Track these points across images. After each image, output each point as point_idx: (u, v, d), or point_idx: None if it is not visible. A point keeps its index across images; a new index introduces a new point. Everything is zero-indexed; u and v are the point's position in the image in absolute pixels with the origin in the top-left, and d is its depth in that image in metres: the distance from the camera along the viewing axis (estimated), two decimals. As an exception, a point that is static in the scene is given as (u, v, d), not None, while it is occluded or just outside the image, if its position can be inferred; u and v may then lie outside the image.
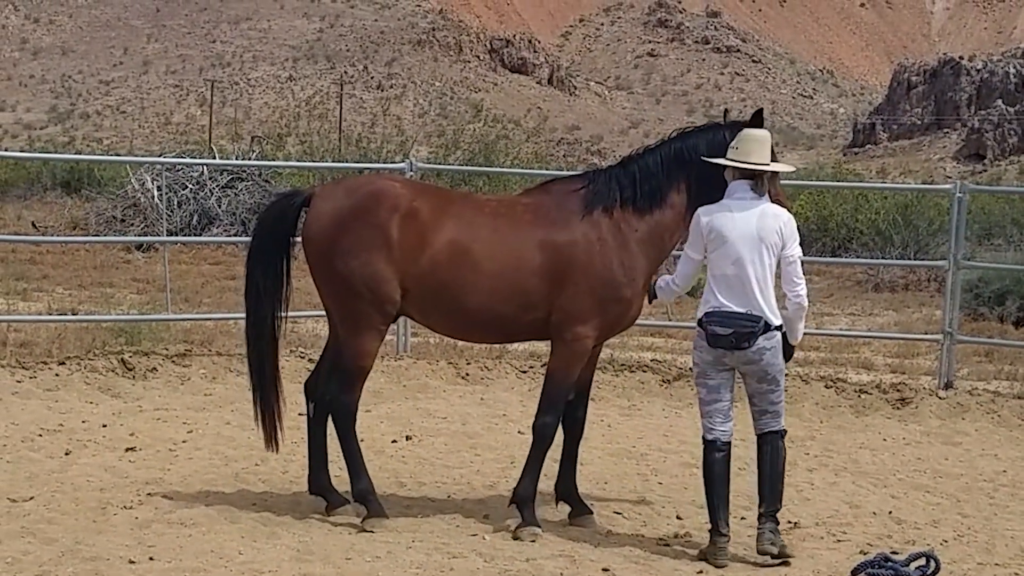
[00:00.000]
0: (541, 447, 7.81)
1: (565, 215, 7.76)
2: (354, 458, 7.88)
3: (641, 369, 12.92)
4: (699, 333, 7.42)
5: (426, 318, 8.00)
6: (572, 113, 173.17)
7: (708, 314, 7.35)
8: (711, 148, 7.75)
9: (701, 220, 7.41)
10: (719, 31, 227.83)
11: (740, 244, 7.28)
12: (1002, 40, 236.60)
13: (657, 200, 7.83)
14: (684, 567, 7.17)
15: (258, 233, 8.18)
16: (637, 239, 7.77)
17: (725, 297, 7.31)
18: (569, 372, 7.79)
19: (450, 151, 35.44)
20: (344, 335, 7.85)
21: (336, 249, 7.66)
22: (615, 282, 7.70)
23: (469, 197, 8.43)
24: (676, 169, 7.84)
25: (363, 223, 7.63)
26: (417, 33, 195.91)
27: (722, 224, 7.33)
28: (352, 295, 7.67)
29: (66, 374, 11.53)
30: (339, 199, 7.81)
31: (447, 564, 6.96)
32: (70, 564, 6.64)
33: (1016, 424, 11.74)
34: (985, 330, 17.95)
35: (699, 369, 7.49)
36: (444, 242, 7.64)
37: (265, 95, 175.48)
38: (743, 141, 7.45)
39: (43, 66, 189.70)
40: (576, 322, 7.68)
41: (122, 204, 27.37)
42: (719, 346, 7.30)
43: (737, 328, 7.26)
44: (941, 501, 9.10)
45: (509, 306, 7.69)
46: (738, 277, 7.29)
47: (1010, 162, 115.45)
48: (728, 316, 7.27)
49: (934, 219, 24.96)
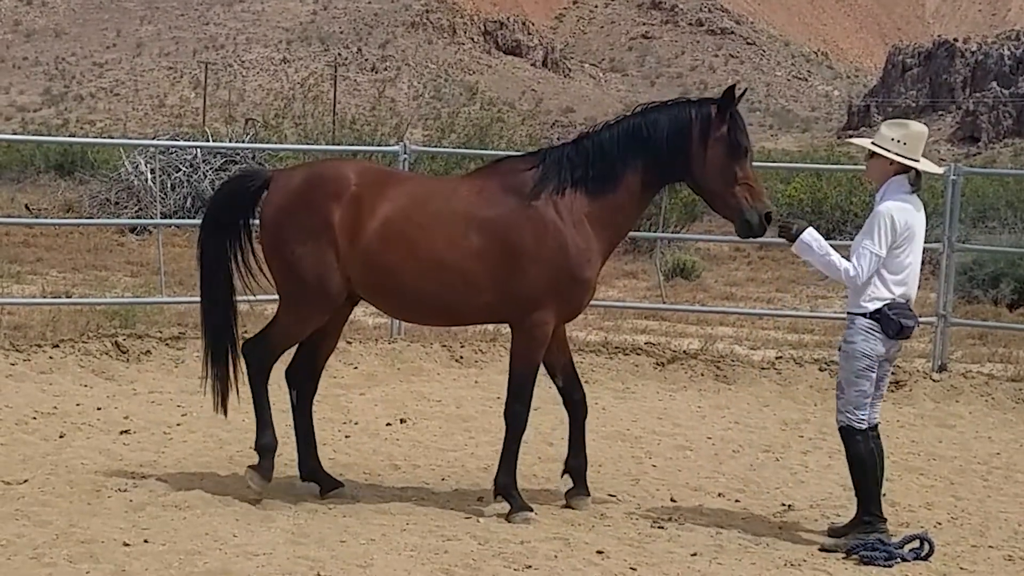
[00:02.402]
0: (514, 435, 7.77)
1: (512, 196, 7.58)
2: (263, 410, 7.91)
3: (635, 352, 12.92)
4: (870, 326, 7.28)
5: (373, 300, 7.96)
6: (567, 95, 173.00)
7: (891, 307, 7.27)
8: (673, 125, 7.57)
9: (897, 218, 7.23)
10: (713, 13, 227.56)
11: (920, 239, 7.34)
12: (996, 22, 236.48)
13: (611, 180, 7.61)
14: (678, 549, 7.18)
15: (212, 209, 8.11)
16: (591, 219, 7.56)
17: (902, 290, 7.33)
18: (531, 358, 7.70)
19: (445, 134, 35.34)
20: (284, 312, 7.84)
21: (284, 235, 7.62)
22: (571, 265, 7.51)
23: (414, 179, 8.33)
24: (632, 147, 7.61)
25: (306, 209, 7.57)
26: (411, 15, 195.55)
27: (914, 221, 7.30)
28: (298, 281, 7.63)
29: (60, 357, 11.52)
30: (291, 184, 7.74)
31: (441, 547, 6.97)
32: (64, 547, 6.64)
33: (1010, 407, 11.76)
34: (979, 313, 17.98)
35: (868, 362, 7.33)
36: (378, 225, 7.53)
37: (259, 77, 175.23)
38: (911, 138, 7.33)
39: (36, 48, 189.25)
40: (533, 308, 7.55)
41: (116, 187, 27.33)
42: (904, 336, 7.36)
43: (915, 318, 7.41)
44: (935, 484, 9.11)
45: (452, 289, 7.57)
46: (914, 271, 7.38)
47: (1004, 144, 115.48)
48: (909, 308, 7.35)
49: (928, 202, 24.87)
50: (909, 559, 7.15)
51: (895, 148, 7.31)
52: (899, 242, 7.25)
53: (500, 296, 7.58)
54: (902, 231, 7.23)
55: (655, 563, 6.91)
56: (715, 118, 7.55)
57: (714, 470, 9.15)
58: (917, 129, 7.42)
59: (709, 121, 7.55)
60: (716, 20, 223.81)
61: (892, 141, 7.32)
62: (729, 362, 12.64)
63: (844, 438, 7.48)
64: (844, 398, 7.41)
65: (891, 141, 7.33)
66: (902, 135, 7.33)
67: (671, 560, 6.98)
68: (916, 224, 7.32)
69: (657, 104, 7.83)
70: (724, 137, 7.52)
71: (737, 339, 15.28)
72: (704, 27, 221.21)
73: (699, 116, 7.58)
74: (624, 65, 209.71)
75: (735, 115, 7.58)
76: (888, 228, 7.21)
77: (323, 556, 6.70)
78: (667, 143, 7.58)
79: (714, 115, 7.56)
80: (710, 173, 7.57)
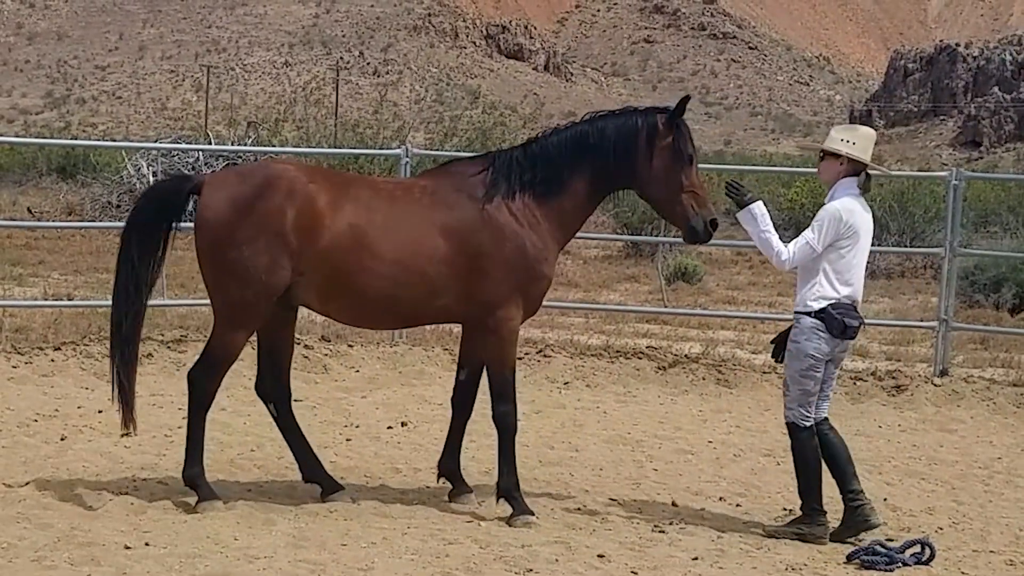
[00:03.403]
0: (508, 436, 7.78)
1: (465, 199, 7.64)
2: (195, 444, 7.74)
3: (637, 356, 12.91)
4: (815, 325, 7.49)
5: (325, 305, 7.78)
6: (568, 99, 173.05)
7: (835, 306, 7.48)
8: (620, 133, 7.69)
9: (843, 217, 7.46)
10: (715, 17, 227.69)
11: (866, 240, 7.59)
12: (998, 27, 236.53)
13: (557, 184, 7.72)
14: (679, 554, 7.18)
15: (137, 212, 7.92)
16: (543, 221, 7.68)
17: (847, 290, 7.53)
18: (505, 358, 7.74)
19: (447, 137, 35.37)
20: (220, 325, 7.69)
21: (232, 236, 7.45)
22: (530, 262, 7.63)
23: (365, 180, 8.34)
24: (578, 153, 7.73)
25: (259, 209, 7.44)
26: (413, 19, 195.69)
27: (859, 222, 7.53)
28: (241, 284, 7.47)
29: (62, 360, 11.52)
30: (233, 186, 7.62)
31: (443, 550, 6.97)
32: (66, 550, 6.64)
33: (1011, 411, 11.75)
34: (981, 317, 17.98)
35: (812, 361, 7.53)
36: (344, 225, 7.47)
37: (261, 81, 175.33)
38: (861, 139, 7.64)
39: (39, 51, 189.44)
40: (497, 308, 7.61)
41: (118, 190, 27.37)
42: (849, 337, 7.55)
43: (860, 319, 7.61)
44: (936, 488, 9.11)
45: (411, 291, 7.58)
46: (859, 272, 7.60)
47: (1006, 149, 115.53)
48: (854, 308, 7.55)
49: (930, 206, 24.98)
50: (910, 564, 7.15)
51: (846, 149, 7.59)
52: (842, 241, 7.48)
53: (458, 298, 7.64)
54: (845, 231, 7.48)
55: (656, 567, 6.91)
56: (661, 127, 7.70)
57: (715, 474, 9.14)
58: (866, 132, 7.78)
59: (655, 130, 7.70)
60: (718, 24, 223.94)
61: (843, 143, 7.61)
62: (730, 366, 12.64)
63: (789, 434, 7.72)
64: (789, 396, 7.66)
65: (842, 143, 7.61)
66: (852, 137, 7.66)
67: (672, 564, 6.98)
68: (861, 225, 7.57)
69: (605, 112, 7.96)
70: (670, 146, 7.68)
71: (739, 343, 15.28)
72: (706, 31, 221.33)
73: (645, 125, 7.70)
74: (626, 69, 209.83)
75: (681, 124, 7.73)
76: (831, 225, 7.48)
77: (324, 559, 6.70)
78: (614, 151, 7.70)
79: (660, 124, 7.69)
80: (656, 181, 7.73)
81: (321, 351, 12.37)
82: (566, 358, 12.74)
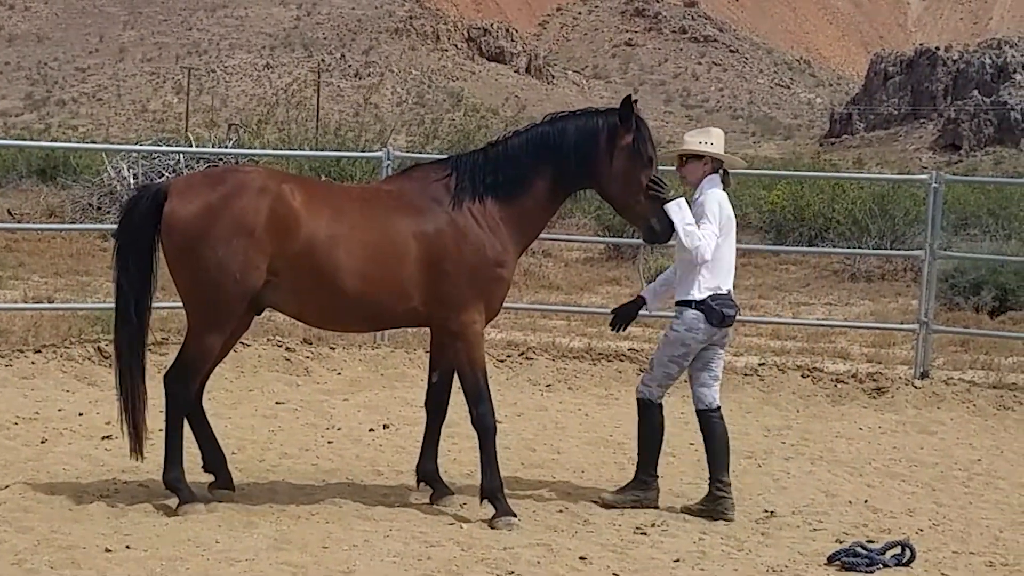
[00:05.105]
0: (488, 438, 7.79)
1: (429, 203, 7.68)
2: (175, 447, 7.74)
3: (618, 358, 12.93)
4: (695, 316, 7.90)
5: (296, 306, 7.76)
6: (550, 102, 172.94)
7: (714, 297, 7.89)
8: (580, 134, 7.74)
9: (723, 205, 7.87)
10: (696, 21, 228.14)
11: (734, 231, 7.98)
12: (978, 31, 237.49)
13: (519, 186, 7.76)
14: (661, 555, 7.19)
15: (125, 229, 8.01)
16: (504, 223, 7.72)
17: (724, 280, 7.94)
18: (474, 360, 7.76)
19: (428, 140, 35.38)
20: (195, 329, 7.70)
21: (204, 238, 7.44)
22: (490, 266, 7.67)
23: (332, 184, 8.38)
24: (540, 154, 7.77)
25: (232, 210, 7.43)
26: (394, 21, 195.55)
27: (731, 213, 7.95)
28: (214, 286, 7.48)
29: (42, 362, 11.48)
30: (201, 189, 7.61)
31: (425, 553, 6.97)
32: (46, 553, 6.62)
33: (991, 413, 11.79)
34: (961, 320, 18.05)
35: (684, 350, 7.99)
36: (317, 226, 7.47)
37: (242, 83, 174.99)
38: (716, 138, 8.06)
39: (18, 53, 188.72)
40: (460, 311, 7.65)
41: (98, 192, 27.23)
42: (727, 325, 7.98)
43: (736, 307, 8.11)
44: (916, 490, 9.14)
45: (382, 294, 7.60)
46: (731, 263, 8.01)
47: (986, 152, 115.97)
48: (730, 297, 7.98)
49: (910, 209, 25.03)
50: (891, 565, 7.17)
51: (707, 149, 7.98)
52: (721, 231, 7.84)
53: (425, 301, 7.66)
54: (726, 222, 7.90)
55: (638, 569, 6.92)
56: (620, 128, 7.73)
57: (696, 476, 9.14)
58: (718, 132, 8.19)
59: (615, 130, 7.74)
60: (699, 28, 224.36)
61: (703, 144, 8.01)
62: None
63: (640, 409, 8.25)
64: (652, 375, 8.16)
65: (701, 144, 8.01)
66: (708, 139, 8.06)
67: (654, 566, 6.99)
68: (731, 218, 8.00)
69: (565, 113, 7.99)
70: (629, 146, 7.72)
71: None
72: (687, 35, 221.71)
73: (605, 125, 7.74)
74: (607, 72, 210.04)
75: (641, 125, 7.77)
76: (719, 212, 7.85)
77: (306, 562, 6.69)
78: (574, 151, 7.74)
79: (620, 125, 7.72)
80: (616, 181, 7.80)
81: (303, 353, 12.35)
82: (548, 360, 12.74)
